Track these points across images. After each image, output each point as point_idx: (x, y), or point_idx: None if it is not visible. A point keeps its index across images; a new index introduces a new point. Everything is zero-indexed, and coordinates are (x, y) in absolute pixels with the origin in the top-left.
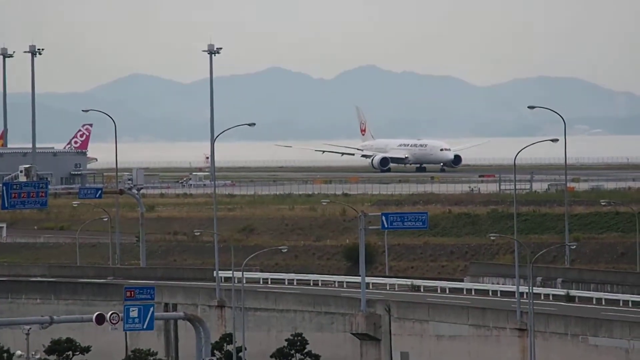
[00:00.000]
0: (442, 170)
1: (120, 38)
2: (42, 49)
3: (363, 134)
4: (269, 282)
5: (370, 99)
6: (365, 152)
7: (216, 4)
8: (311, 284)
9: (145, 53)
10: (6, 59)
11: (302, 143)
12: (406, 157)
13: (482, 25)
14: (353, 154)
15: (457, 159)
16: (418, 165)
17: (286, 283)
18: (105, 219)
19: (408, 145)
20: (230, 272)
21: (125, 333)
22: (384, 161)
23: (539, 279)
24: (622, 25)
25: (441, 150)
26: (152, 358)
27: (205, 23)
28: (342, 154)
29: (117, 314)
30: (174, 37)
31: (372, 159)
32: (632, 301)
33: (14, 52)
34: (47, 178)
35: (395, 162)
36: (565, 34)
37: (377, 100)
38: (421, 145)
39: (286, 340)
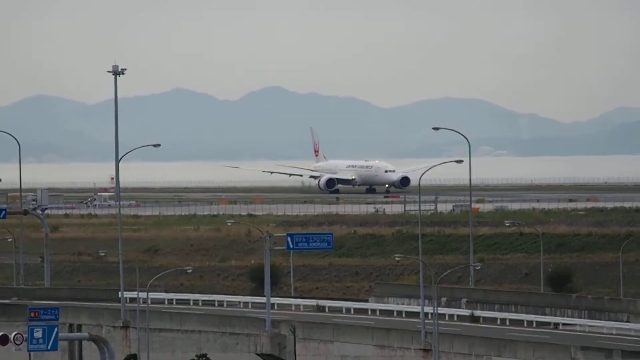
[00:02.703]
0: (387, 192)
1: (26, 59)
2: None
3: (316, 155)
4: (174, 303)
5: (275, 120)
6: (314, 174)
7: (120, 25)
8: (216, 305)
9: (50, 74)
10: None
11: (246, 164)
12: (353, 179)
13: (386, 46)
14: (301, 175)
15: (405, 180)
16: (368, 186)
17: (191, 304)
18: (10, 240)
19: (355, 166)
20: (135, 292)
21: (30, 354)
22: (330, 182)
23: (443, 299)
24: (526, 47)
25: (385, 171)
26: None
27: (109, 44)
28: (290, 174)
29: (21, 335)
30: (78, 58)
31: (319, 180)
32: (536, 321)
33: None
34: None
35: (342, 184)
36: (470, 55)
37: (283, 121)
38: (367, 167)
39: None
